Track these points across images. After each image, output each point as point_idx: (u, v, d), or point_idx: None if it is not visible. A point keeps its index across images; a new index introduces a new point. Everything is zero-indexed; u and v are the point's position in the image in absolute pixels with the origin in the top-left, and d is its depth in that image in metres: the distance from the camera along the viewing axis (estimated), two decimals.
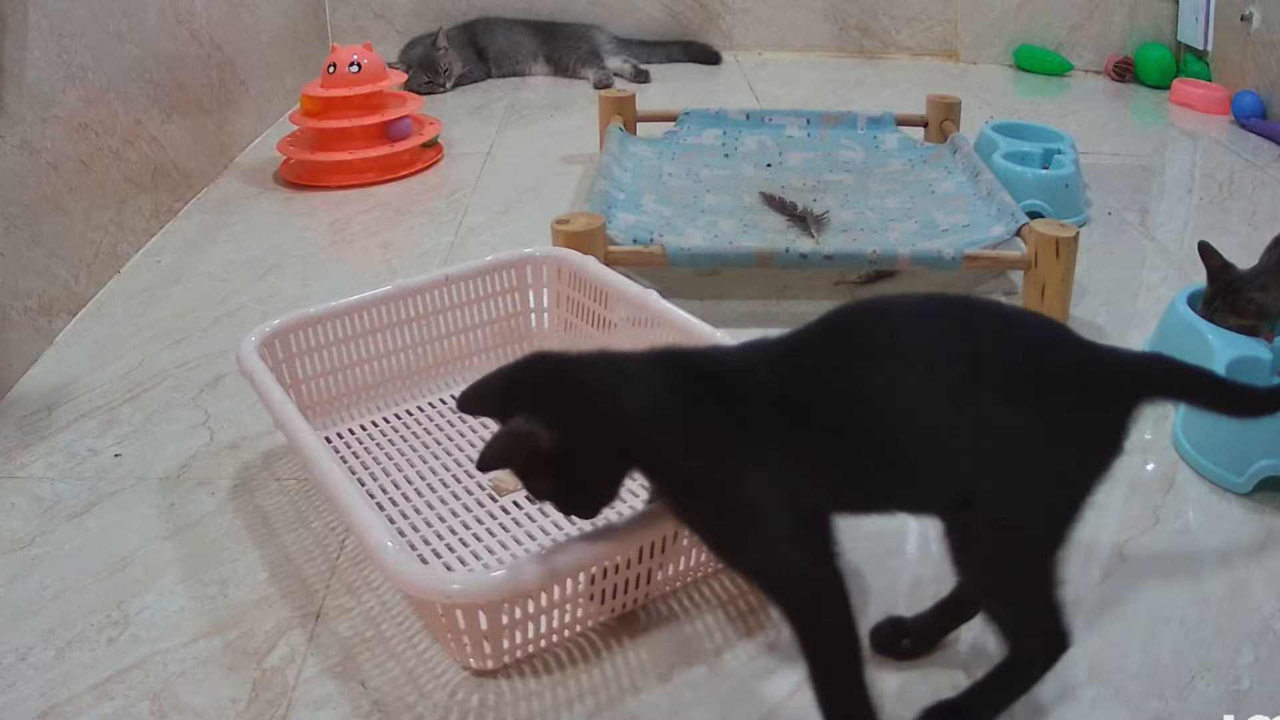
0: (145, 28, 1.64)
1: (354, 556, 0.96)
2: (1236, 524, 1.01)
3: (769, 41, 2.80)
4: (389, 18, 2.69)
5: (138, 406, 1.20)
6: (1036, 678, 0.76)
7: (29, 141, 1.32)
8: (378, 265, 1.57)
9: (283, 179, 1.90)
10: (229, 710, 0.81)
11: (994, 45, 2.72)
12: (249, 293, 1.47)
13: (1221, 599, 0.92)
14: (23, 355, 1.28)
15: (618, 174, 1.68)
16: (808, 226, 1.54)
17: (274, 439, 1.13)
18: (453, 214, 1.74)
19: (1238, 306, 1.18)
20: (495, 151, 2.06)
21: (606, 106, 1.94)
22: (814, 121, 1.92)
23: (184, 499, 1.05)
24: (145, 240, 1.63)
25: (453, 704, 0.81)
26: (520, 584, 0.76)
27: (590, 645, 0.87)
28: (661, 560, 0.88)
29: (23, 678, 0.83)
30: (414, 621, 0.89)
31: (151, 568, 0.96)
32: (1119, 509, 1.03)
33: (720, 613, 0.90)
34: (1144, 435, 1.15)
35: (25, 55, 1.31)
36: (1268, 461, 1.02)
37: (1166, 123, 2.31)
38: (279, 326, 1.08)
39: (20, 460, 1.11)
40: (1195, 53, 2.50)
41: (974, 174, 1.64)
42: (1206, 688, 0.82)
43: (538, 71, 2.63)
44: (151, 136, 1.65)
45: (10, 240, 1.27)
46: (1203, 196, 1.87)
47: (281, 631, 0.88)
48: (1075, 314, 1.39)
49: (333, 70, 1.87)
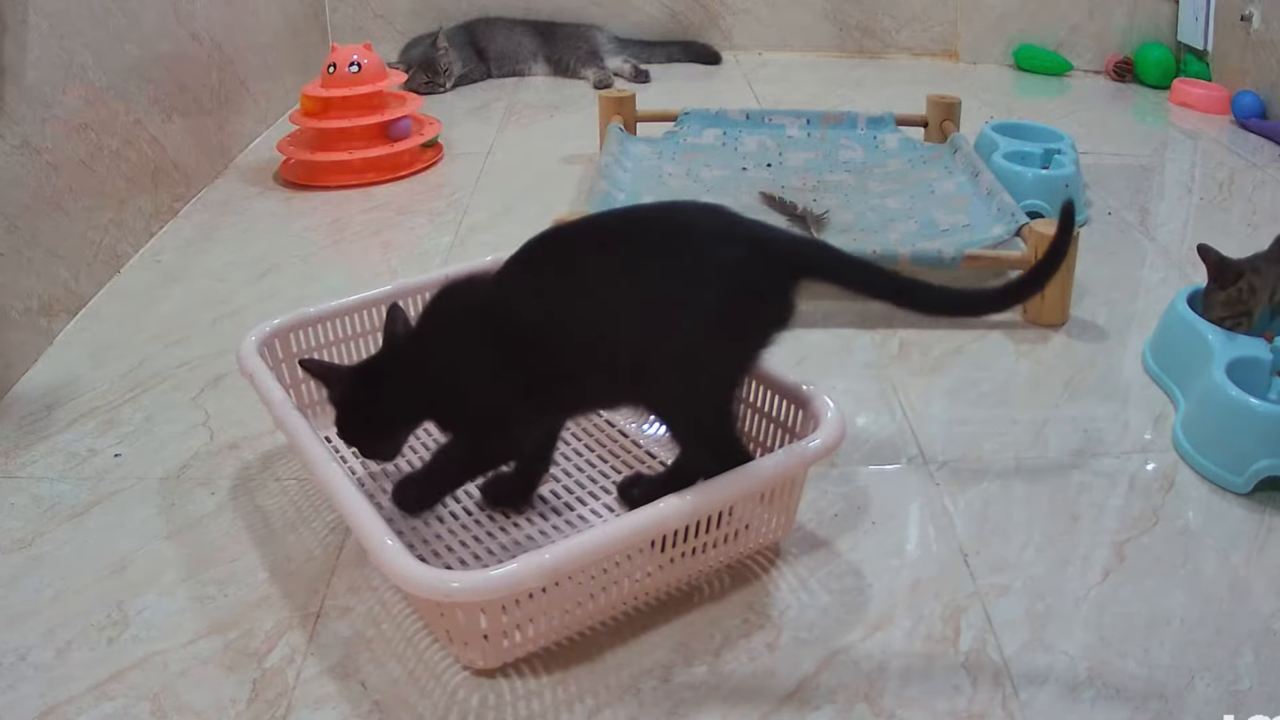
0: (145, 28, 1.64)
1: (354, 556, 0.96)
2: (1236, 524, 1.01)
3: (769, 41, 2.80)
4: (389, 18, 2.69)
5: (138, 406, 1.20)
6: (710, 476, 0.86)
7: (29, 141, 1.32)
8: (378, 265, 1.57)
9: (283, 179, 1.90)
10: (229, 710, 0.81)
11: (994, 45, 2.72)
12: (249, 293, 1.47)
13: (1221, 599, 0.92)
14: (23, 355, 1.28)
15: (618, 174, 1.68)
16: (808, 226, 1.54)
17: (274, 439, 1.13)
18: (453, 214, 1.74)
19: (1224, 281, 1.18)
20: (495, 151, 2.06)
21: (606, 106, 1.94)
22: (814, 121, 1.92)
23: (184, 499, 1.05)
24: (145, 240, 1.63)
25: (453, 704, 0.81)
26: (520, 584, 0.76)
27: (590, 645, 0.87)
28: (666, 556, 0.88)
29: (23, 678, 0.83)
30: (414, 621, 0.89)
31: (151, 568, 0.96)
32: (1119, 509, 1.03)
33: (720, 612, 0.90)
34: (1144, 435, 1.15)
35: (25, 55, 1.31)
36: (1268, 461, 1.02)
37: (1166, 123, 2.31)
38: (279, 326, 1.08)
39: (20, 460, 1.11)
40: (1195, 53, 2.50)
41: (974, 174, 1.64)
42: (1206, 688, 0.82)
43: (538, 71, 2.63)
44: (151, 136, 1.65)
45: (10, 240, 1.27)
46: (1203, 196, 1.87)
47: (281, 631, 0.88)
48: (1075, 314, 1.39)
49: (333, 70, 1.87)
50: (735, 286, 0.83)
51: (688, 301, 0.82)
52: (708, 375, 0.86)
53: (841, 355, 1.31)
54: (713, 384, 0.86)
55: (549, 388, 0.88)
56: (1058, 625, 0.88)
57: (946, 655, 0.85)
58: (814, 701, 0.81)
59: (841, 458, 1.10)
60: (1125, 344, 1.34)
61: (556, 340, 0.85)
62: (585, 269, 0.86)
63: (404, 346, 0.94)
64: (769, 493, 0.92)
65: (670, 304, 0.83)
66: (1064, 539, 0.99)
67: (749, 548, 0.95)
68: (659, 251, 0.84)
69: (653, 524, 0.82)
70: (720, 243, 0.84)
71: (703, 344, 0.84)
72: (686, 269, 0.83)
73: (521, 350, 0.86)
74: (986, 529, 1.00)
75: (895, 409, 1.20)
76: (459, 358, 0.89)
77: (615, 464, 1.06)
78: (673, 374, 0.84)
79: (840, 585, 0.93)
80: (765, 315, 0.86)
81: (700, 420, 0.88)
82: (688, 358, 0.84)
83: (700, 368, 0.85)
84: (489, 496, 1.00)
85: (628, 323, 0.84)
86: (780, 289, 0.85)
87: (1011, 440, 1.14)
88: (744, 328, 0.86)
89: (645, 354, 0.84)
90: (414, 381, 0.91)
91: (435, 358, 0.90)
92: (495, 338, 0.87)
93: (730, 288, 0.83)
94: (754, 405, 1.01)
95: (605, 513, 0.99)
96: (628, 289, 0.84)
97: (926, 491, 1.06)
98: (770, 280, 0.85)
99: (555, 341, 0.85)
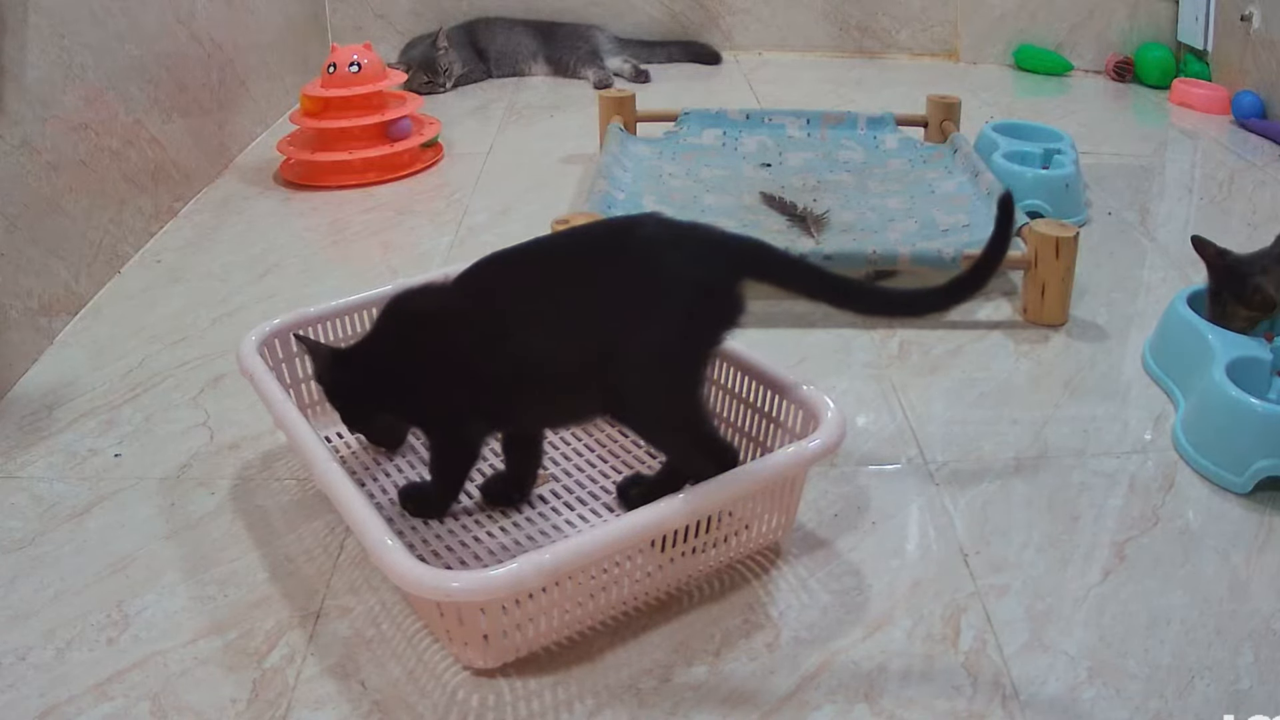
0: (145, 28, 1.64)
1: (354, 556, 0.96)
2: (1236, 524, 1.01)
3: (769, 41, 2.80)
4: (389, 18, 2.69)
5: (138, 406, 1.20)
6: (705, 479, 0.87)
7: (29, 141, 1.32)
8: (378, 265, 1.57)
9: (283, 179, 1.90)
10: (229, 710, 0.81)
11: (994, 45, 2.72)
12: (249, 293, 1.47)
13: (1221, 599, 0.92)
14: (23, 355, 1.28)
15: (618, 174, 1.68)
16: (807, 226, 1.54)
17: (274, 439, 1.13)
18: (453, 214, 1.74)
19: (1245, 297, 1.17)
20: (495, 151, 2.06)
21: (606, 106, 1.94)
22: (814, 121, 1.92)
23: (184, 499, 1.05)
24: (145, 240, 1.63)
25: (453, 704, 0.81)
26: (520, 584, 0.76)
27: (590, 645, 0.87)
28: (667, 555, 0.88)
29: (23, 678, 0.83)
30: (414, 621, 0.89)
31: (151, 568, 0.96)
32: (1119, 509, 1.03)
33: (720, 612, 0.90)
34: (1144, 435, 1.15)
35: (25, 55, 1.31)
36: (1268, 461, 1.02)
37: (1166, 123, 2.31)
38: (279, 326, 1.08)
39: (20, 460, 1.11)
40: (1195, 53, 2.50)
41: (974, 174, 1.64)
42: (1206, 688, 0.82)
43: (538, 71, 2.63)
44: (151, 136, 1.65)
45: (10, 240, 1.27)
46: (1203, 196, 1.87)
47: (281, 631, 0.88)
48: (1075, 314, 1.39)
49: (333, 70, 1.87)
50: (687, 290, 0.84)
51: (642, 308, 0.83)
52: (668, 378, 0.86)
53: (841, 355, 1.31)
54: (674, 386, 0.87)
55: (506, 396, 0.89)
56: (1058, 625, 0.88)
57: (946, 655, 0.85)
58: (814, 701, 0.81)
59: (841, 458, 1.10)
60: (1125, 344, 1.34)
61: (511, 350, 0.87)
62: (538, 282, 0.88)
63: (367, 343, 0.97)
64: (769, 493, 0.92)
65: (625, 311, 0.84)
66: (1064, 539, 0.99)
67: (749, 548, 0.95)
68: (609, 261, 0.86)
69: (652, 524, 0.82)
70: (668, 248, 0.86)
71: (660, 349, 0.84)
72: (637, 275, 0.84)
73: (474, 358, 0.88)
74: (986, 529, 1.00)
75: (895, 409, 1.20)
76: (412, 360, 0.92)
77: (615, 464, 1.06)
78: (634, 381, 0.85)
79: (840, 585, 0.93)
80: (717, 316, 0.87)
81: (669, 423, 0.88)
82: (647, 364, 0.84)
83: (660, 371, 0.85)
84: (488, 496, 1.00)
85: (583, 332, 0.85)
86: (729, 288, 0.86)
87: (1011, 440, 1.14)
88: (697, 329, 0.86)
89: (604, 363, 0.84)
90: (375, 376, 0.94)
91: (391, 357, 0.93)
92: (448, 345, 0.89)
93: (682, 291, 0.84)
94: (755, 405, 1.01)
95: (605, 513, 0.99)
96: (580, 299, 0.85)
97: (926, 491, 1.06)
98: (719, 281, 0.86)
99: (510, 351, 0.87)
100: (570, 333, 0.86)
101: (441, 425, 0.95)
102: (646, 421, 0.90)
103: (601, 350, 0.84)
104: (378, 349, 0.95)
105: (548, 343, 0.86)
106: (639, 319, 0.83)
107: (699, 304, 0.85)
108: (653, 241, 0.86)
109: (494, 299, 0.89)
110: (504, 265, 0.90)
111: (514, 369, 0.87)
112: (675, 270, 0.84)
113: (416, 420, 0.99)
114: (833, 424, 0.91)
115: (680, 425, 0.88)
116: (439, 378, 0.91)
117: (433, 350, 0.91)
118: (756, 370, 1.00)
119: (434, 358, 0.91)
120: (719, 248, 0.88)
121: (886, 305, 0.97)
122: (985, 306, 1.42)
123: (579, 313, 0.85)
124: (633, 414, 0.89)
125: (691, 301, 0.85)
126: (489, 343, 0.87)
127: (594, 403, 0.89)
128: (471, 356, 0.88)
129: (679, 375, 0.86)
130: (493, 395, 0.90)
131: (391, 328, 0.95)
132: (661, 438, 0.92)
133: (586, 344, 0.85)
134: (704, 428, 0.89)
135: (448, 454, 0.97)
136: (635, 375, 0.85)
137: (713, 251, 0.87)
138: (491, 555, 0.94)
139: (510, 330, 0.87)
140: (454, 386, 0.90)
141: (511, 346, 0.87)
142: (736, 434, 1.03)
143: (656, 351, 0.84)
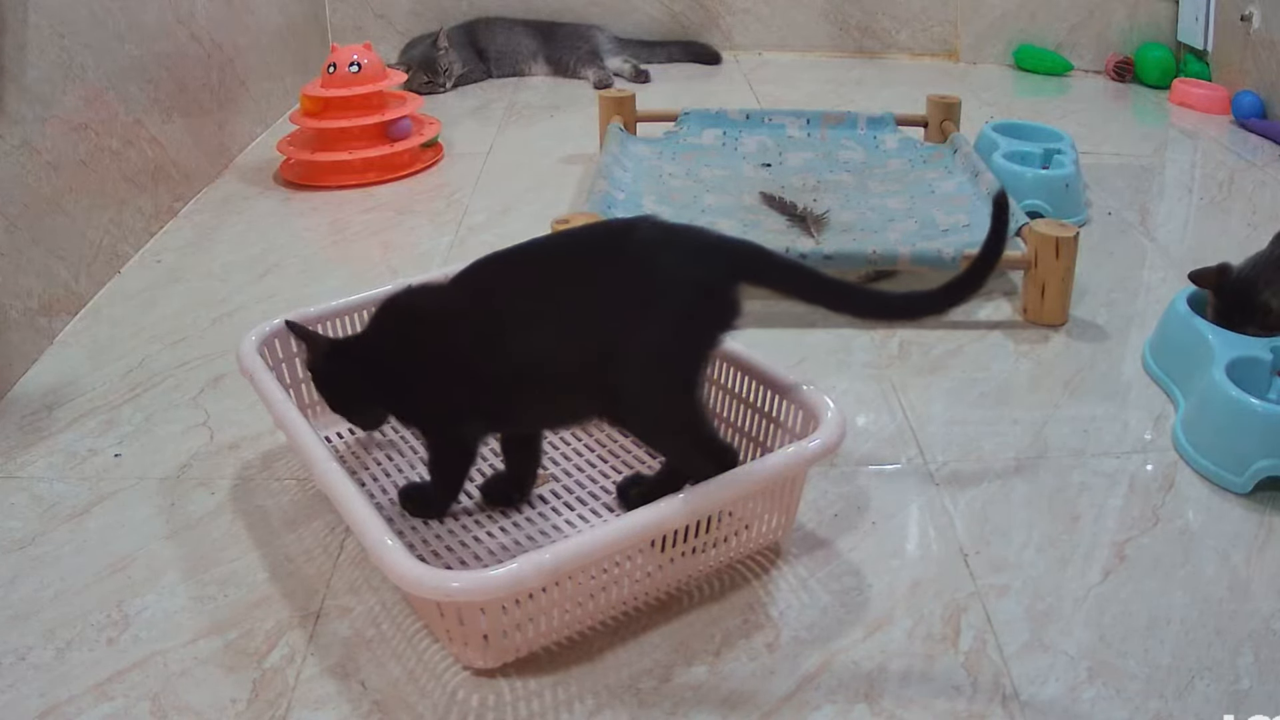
0: (145, 28, 1.64)
1: (354, 556, 0.96)
2: (1236, 524, 1.01)
3: (769, 41, 2.80)
4: (389, 18, 2.69)
5: (138, 406, 1.20)
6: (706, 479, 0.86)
7: (29, 141, 1.32)
8: (378, 265, 1.57)
9: (283, 179, 1.90)
10: (229, 710, 0.81)
11: (994, 45, 2.72)
12: (249, 293, 1.47)
13: (1221, 599, 0.92)
14: (23, 355, 1.28)
15: (618, 174, 1.68)
16: (807, 226, 1.54)
17: (274, 439, 1.13)
18: (453, 214, 1.74)
19: (1258, 319, 1.16)
20: (495, 151, 2.06)
21: (606, 106, 1.94)
22: (814, 121, 1.92)
23: (184, 499, 1.05)
24: (145, 240, 1.63)
25: (453, 704, 0.81)
26: (520, 584, 0.76)
27: (590, 645, 0.87)
28: (667, 556, 0.88)
29: (23, 678, 0.83)
30: (414, 621, 0.89)
31: (151, 568, 0.96)
32: (1119, 509, 1.03)
33: (720, 612, 0.90)
34: (1144, 435, 1.15)
35: (25, 55, 1.31)
36: (1268, 461, 1.02)
37: (1166, 123, 2.31)
38: (279, 326, 1.08)
39: (20, 460, 1.11)
40: (1195, 53, 2.50)
41: (974, 174, 1.64)
42: (1206, 688, 0.82)
43: (538, 71, 2.63)
44: (151, 136, 1.65)
45: (10, 240, 1.27)
46: (1203, 196, 1.87)
47: (281, 631, 0.88)
48: (1075, 314, 1.39)
49: (333, 70, 1.87)
50: (685, 290, 0.84)
51: (641, 308, 0.83)
52: (666, 378, 0.86)
53: (841, 355, 1.31)
54: (672, 386, 0.86)
55: (504, 397, 0.89)
56: (1058, 625, 0.88)
57: (946, 655, 0.85)
58: (814, 701, 0.81)
59: (841, 458, 1.10)
60: (1125, 344, 1.34)
61: (509, 350, 0.87)
62: (536, 282, 0.88)
63: (364, 339, 0.97)
64: (769, 493, 0.92)
65: (623, 312, 0.84)
66: (1064, 539, 0.99)
67: (749, 548, 0.95)
68: (607, 262, 0.86)
69: (652, 524, 0.82)
70: (665, 249, 0.86)
71: (658, 349, 0.84)
72: (636, 276, 0.84)
73: (472, 357, 0.88)
74: (986, 529, 1.00)
75: (895, 409, 1.20)
76: (410, 358, 0.92)
77: (615, 464, 1.06)
78: (632, 381, 0.85)
79: (840, 585, 0.93)
80: (715, 317, 0.87)
81: (668, 424, 0.88)
82: (645, 364, 0.84)
83: (658, 371, 0.85)
84: (487, 496, 1.00)
85: (581, 332, 0.85)
86: (726, 290, 0.86)
87: (1011, 440, 1.14)
88: (695, 330, 0.86)
89: (603, 364, 0.84)
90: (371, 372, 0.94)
91: (388, 355, 0.93)
92: (446, 344, 0.89)
93: (680, 292, 0.84)
94: (754, 405, 1.01)
95: (605, 513, 0.99)
96: (578, 299, 0.85)
97: (926, 491, 1.06)
98: (717, 281, 0.86)
99: (508, 351, 0.87)
100: (568, 333, 0.86)
101: (438, 425, 0.95)
102: (645, 422, 0.90)
103: (600, 351, 0.84)
104: (375, 346, 0.95)
105: (546, 343, 0.86)
106: (637, 319, 0.83)
107: (697, 304, 0.85)
108: (650, 242, 0.86)
109: (492, 299, 0.89)
110: (502, 265, 0.91)
111: (512, 369, 0.87)
112: (673, 271, 0.85)
113: (411, 420, 0.99)
114: (833, 424, 0.91)
115: (679, 426, 0.88)
116: (437, 377, 0.91)
117: (431, 349, 0.91)
118: (756, 370, 1.00)
119: (432, 357, 0.90)
120: (716, 249, 0.88)
121: (883, 309, 0.97)
122: (985, 306, 1.42)
123: (577, 313, 0.85)
124: (632, 415, 0.89)
125: (689, 302, 0.85)
126: (487, 342, 0.87)
127: (592, 403, 0.89)
128: (470, 356, 0.88)
129: (677, 375, 0.86)
130: (491, 395, 0.89)
131: (389, 325, 0.95)
132: (660, 438, 0.92)
133: (585, 344, 0.85)
134: (703, 428, 0.89)
135: (445, 454, 0.97)
136: (634, 375, 0.85)
137: (710, 253, 0.87)
138: (491, 555, 0.94)
139: (508, 330, 0.87)
140: (452, 386, 0.90)
141: (510, 346, 0.87)
142: (736, 434, 1.03)
143: (655, 352, 0.84)
